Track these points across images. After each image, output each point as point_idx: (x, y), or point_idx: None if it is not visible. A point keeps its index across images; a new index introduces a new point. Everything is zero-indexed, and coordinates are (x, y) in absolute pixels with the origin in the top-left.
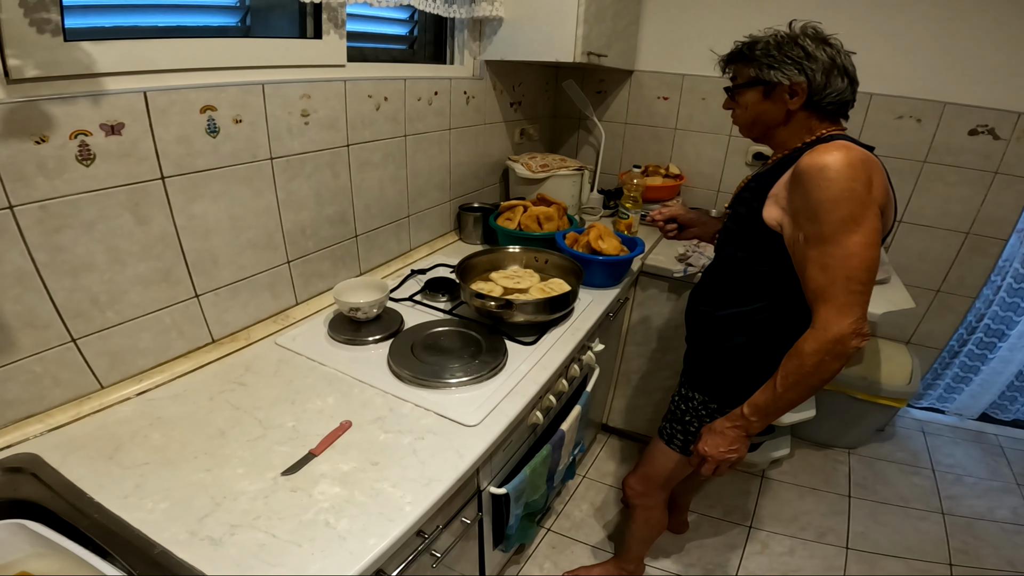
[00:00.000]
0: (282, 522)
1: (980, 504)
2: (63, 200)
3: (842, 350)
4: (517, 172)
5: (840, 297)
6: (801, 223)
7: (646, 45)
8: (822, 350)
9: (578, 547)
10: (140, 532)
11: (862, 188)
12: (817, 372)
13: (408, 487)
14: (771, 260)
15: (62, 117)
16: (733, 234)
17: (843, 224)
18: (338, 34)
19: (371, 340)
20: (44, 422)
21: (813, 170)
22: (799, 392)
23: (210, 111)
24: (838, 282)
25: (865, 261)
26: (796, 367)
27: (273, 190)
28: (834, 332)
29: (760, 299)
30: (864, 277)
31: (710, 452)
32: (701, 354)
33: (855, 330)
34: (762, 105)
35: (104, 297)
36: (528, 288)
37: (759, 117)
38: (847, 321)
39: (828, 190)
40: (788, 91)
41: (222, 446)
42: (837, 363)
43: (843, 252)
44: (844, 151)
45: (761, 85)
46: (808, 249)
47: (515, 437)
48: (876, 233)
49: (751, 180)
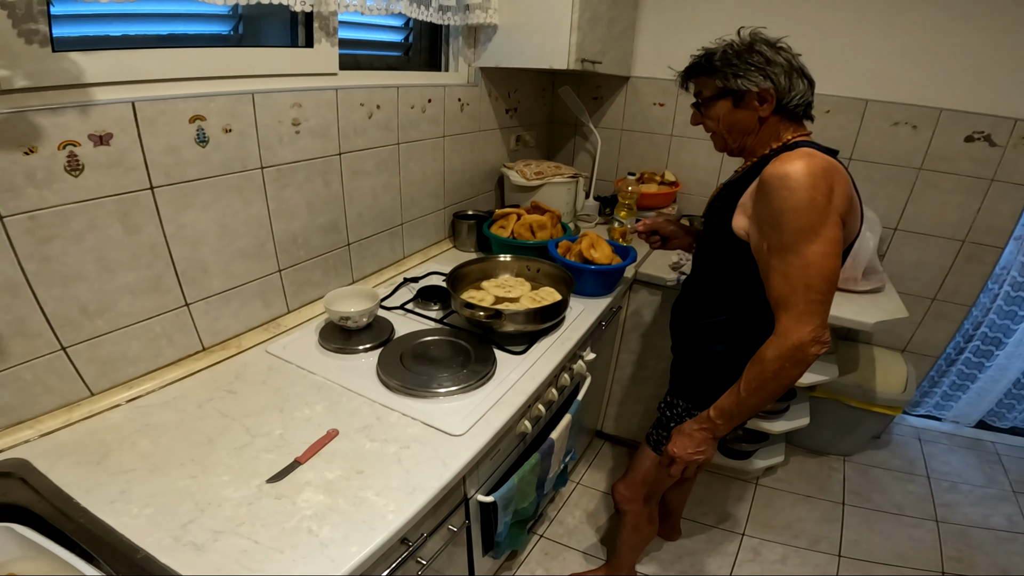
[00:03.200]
0: (265, 529)
1: (975, 512)
2: (52, 210)
3: (801, 357)
4: (512, 179)
5: (800, 305)
6: (765, 232)
7: (642, 51)
8: (783, 357)
9: (571, 554)
10: (124, 537)
11: (822, 198)
12: (777, 378)
13: (392, 496)
14: (742, 269)
15: (50, 128)
16: (707, 244)
17: (802, 233)
18: (330, 42)
19: (361, 349)
20: (34, 428)
21: (775, 179)
22: (761, 397)
23: (199, 121)
24: (798, 291)
25: (823, 271)
26: (758, 373)
27: (264, 199)
28: (794, 340)
29: (736, 307)
30: (822, 287)
31: (678, 453)
32: (684, 362)
33: (814, 338)
34: (734, 115)
35: (94, 306)
36: (519, 297)
37: (732, 127)
38: (806, 329)
39: (789, 199)
40: (757, 98)
41: (209, 453)
42: (797, 370)
43: (802, 261)
44: (806, 160)
45: (730, 95)
46: (771, 258)
47: (503, 446)
48: (835, 243)
49: (722, 189)
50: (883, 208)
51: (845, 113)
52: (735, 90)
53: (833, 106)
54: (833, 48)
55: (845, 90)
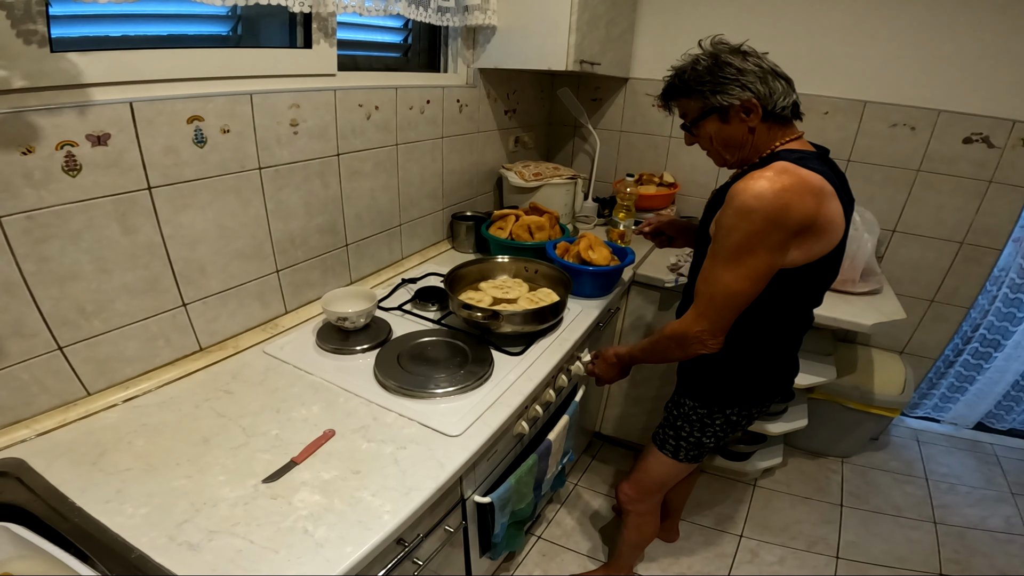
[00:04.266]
0: (260, 529)
1: (973, 513)
2: (49, 210)
3: (685, 345)
4: (510, 180)
5: (701, 306)
6: (713, 237)
7: (641, 53)
8: (673, 338)
9: (568, 555)
10: (119, 536)
11: (760, 225)
12: (665, 352)
13: (388, 496)
14: None
15: (48, 128)
16: (699, 247)
17: (728, 251)
18: (328, 43)
19: (359, 349)
20: (31, 428)
21: (730, 195)
22: (651, 357)
23: (197, 121)
24: (703, 294)
25: (729, 290)
26: (654, 341)
27: (262, 200)
28: (684, 328)
29: None
30: (721, 303)
31: (597, 372)
32: (689, 362)
33: (698, 337)
34: (724, 131)
35: (91, 306)
36: (516, 298)
37: (727, 143)
38: (696, 328)
39: (729, 217)
40: (742, 110)
41: (205, 453)
42: (680, 352)
43: (716, 275)
44: (767, 180)
45: (714, 112)
46: (707, 258)
47: (500, 447)
48: (755, 270)
49: (712, 197)
50: (881, 210)
51: (843, 115)
52: (717, 106)
53: (831, 108)
54: (831, 50)
55: (843, 92)
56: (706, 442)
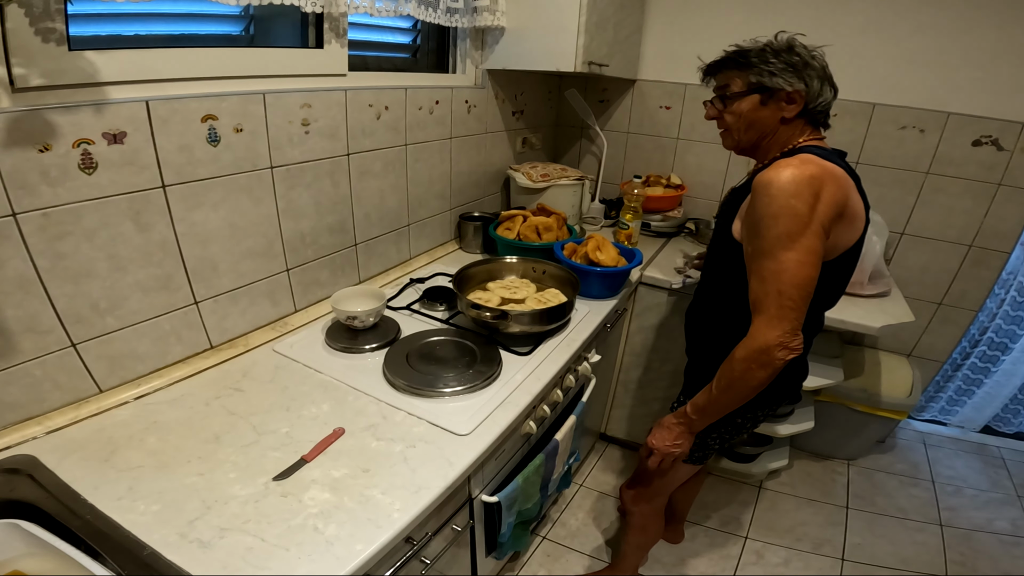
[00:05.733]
0: (271, 526)
1: (979, 516)
2: (65, 208)
3: (767, 360)
4: (518, 181)
5: (771, 310)
6: (750, 236)
7: (649, 54)
8: (749, 358)
9: (573, 556)
10: (131, 534)
11: (803, 207)
12: (744, 379)
13: (397, 494)
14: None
15: (65, 126)
16: (714, 251)
17: (779, 240)
18: (339, 43)
19: (368, 348)
20: (43, 424)
21: (760, 186)
22: (731, 396)
23: (211, 120)
24: (771, 295)
25: (796, 278)
26: (727, 372)
27: (273, 199)
28: (760, 342)
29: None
30: (794, 293)
31: (657, 445)
32: (701, 367)
33: (781, 343)
34: (758, 113)
35: (104, 303)
36: (524, 299)
37: (753, 125)
38: (774, 333)
39: (770, 206)
40: (787, 98)
41: (216, 451)
42: (763, 372)
43: (777, 267)
44: (795, 168)
45: (760, 92)
46: (751, 261)
47: (508, 446)
48: (812, 253)
49: (729, 194)
50: (890, 212)
51: (852, 117)
52: (767, 87)
53: (840, 110)
54: (840, 52)
55: (852, 94)
56: (711, 444)
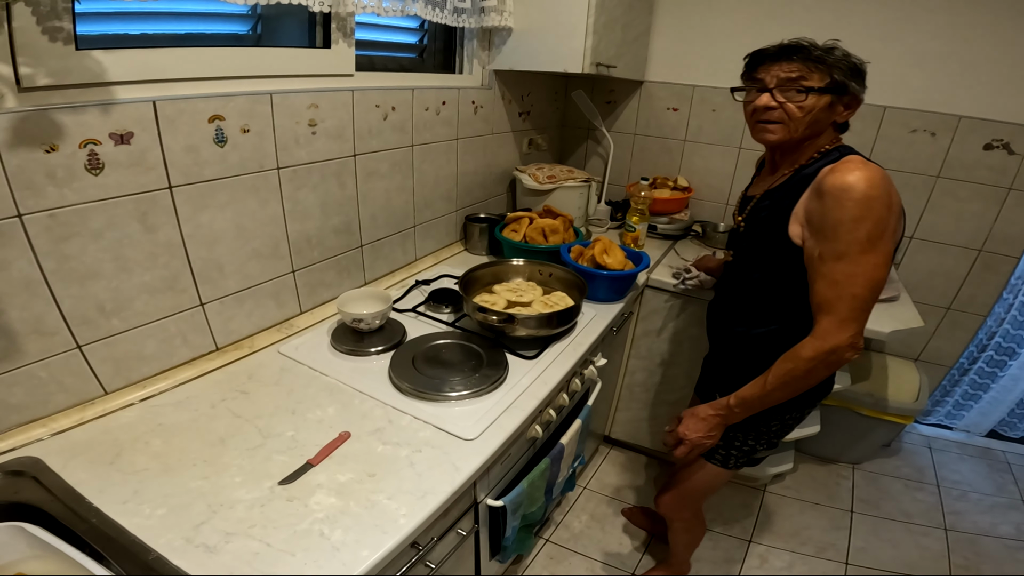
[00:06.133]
0: (277, 531)
1: (984, 520)
2: (71, 209)
3: (836, 360)
4: (524, 183)
5: (843, 312)
6: (819, 240)
7: (656, 56)
8: (817, 358)
9: (576, 558)
10: (136, 538)
11: (883, 209)
12: (807, 377)
13: (403, 499)
14: (798, 276)
15: (72, 126)
16: (755, 254)
17: (859, 244)
18: (347, 43)
19: (373, 351)
20: (48, 426)
21: (837, 189)
22: (786, 392)
23: (218, 120)
24: (844, 298)
25: (871, 281)
26: (789, 370)
27: (279, 200)
28: (832, 343)
29: (791, 314)
30: (868, 296)
31: (689, 435)
32: (739, 372)
33: (851, 343)
34: (823, 112)
35: (110, 305)
36: (531, 302)
37: (814, 122)
38: (846, 335)
39: (850, 210)
40: (851, 103)
41: (221, 454)
42: (828, 371)
43: (854, 270)
44: (867, 170)
45: (835, 92)
46: (821, 265)
47: (514, 450)
48: (888, 255)
49: (764, 198)
50: None
51: (862, 120)
52: (845, 90)
53: None
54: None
55: None
56: (759, 448)
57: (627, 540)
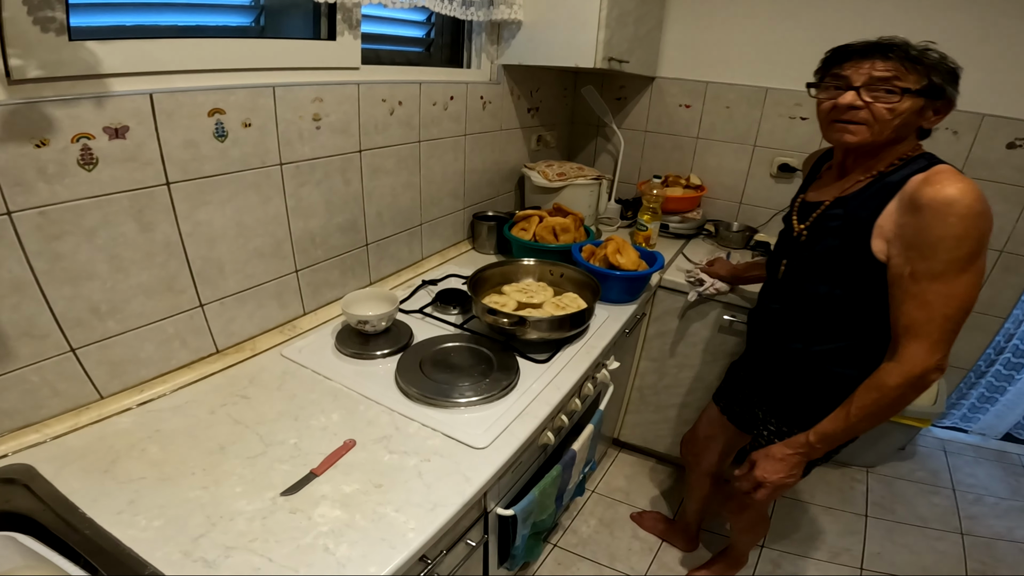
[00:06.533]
0: (279, 545)
1: (1000, 524)
2: (64, 206)
3: (923, 384)
4: (533, 180)
5: (934, 335)
6: (911, 256)
7: (669, 51)
8: (906, 384)
9: (584, 564)
10: (131, 551)
11: (986, 225)
12: (895, 405)
13: (412, 512)
14: (875, 292)
15: (64, 119)
16: (822, 266)
17: (958, 263)
18: (352, 35)
19: (379, 354)
20: (41, 432)
21: (939, 204)
22: (872, 422)
23: (218, 114)
24: (935, 320)
25: (966, 302)
26: (875, 400)
27: (282, 197)
28: (920, 368)
29: (864, 330)
30: (961, 317)
31: (769, 479)
32: (791, 390)
33: (939, 366)
34: (913, 116)
35: (105, 306)
36: (542, 303)
37: (903, 125)
38: (935, 358)
39: (953, 227)
40: (942, 108)
41: (221, 462)
42: (916, 395)
43: (949, 291)
44: (967, 183)
45: (930, 97)
46: (913, 284)
47: (525, 457)
48: (982, 273)
49: (833, 206)
50: None
51: None
52: (940, 94)
53: None
54: None
55: None
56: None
57: (636, 545)
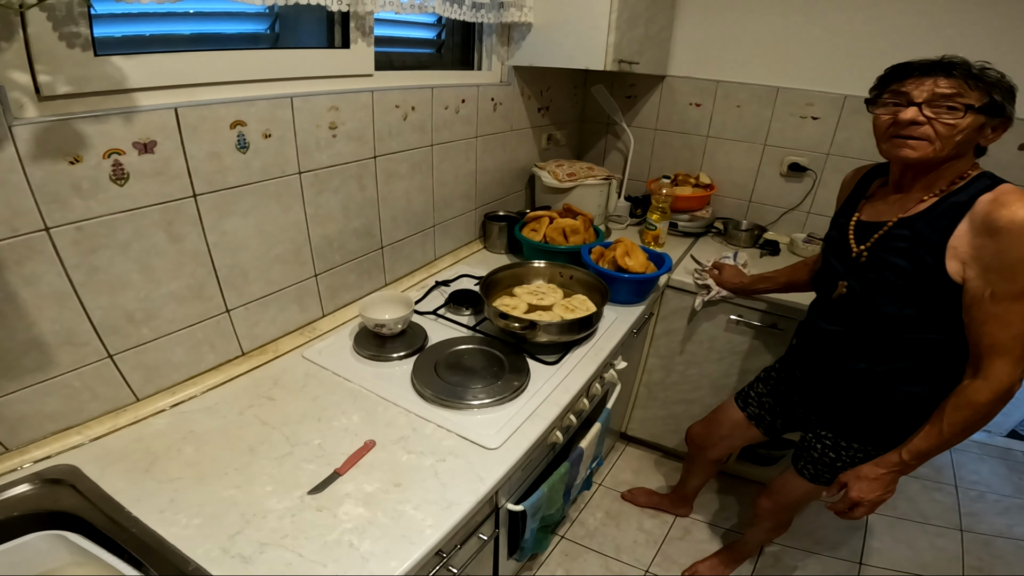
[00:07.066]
0: (308, 541)
1: (1000, 522)
2: (98, 220)
3: (1010, 397)
4: (544, 181)
5: (1017, 351)
6: (991, 278)
7: (679, 50)
8: (996, 400)
9: (591, 555)
10: (175, 548)
11: None
12: (985, 420)
13: (429, 510)
14: (948, 312)
15: (95, 136)
16: (893, 288)
17: None
18: (366, 42)
19: (395, 356)
20: (83, 434)
21: (1016, 226)
22: (963, 437)
23: (240, 126)
24: (1018, 337)
25: None
26: (967, 416)
27: (302, 205)
28: (1007, 384)
29: (932, 350)
30: None
31: (867, 498)
32: (859, 408)
33: (1022, 377)
34: (972, 133)
35: (139, 314)
36: (552, 305)
37: (963, 142)
38: (1020, 372)
39: None
40: (1000, 126)
41: (251, 462)
42: (1003, 407)
43: None
44: None
45: (990, 113)
46: (994, 306)
47: (534, 456)
48: None
49: (897, 226)
50: None
51: None
52: (1000, 113)
53: None
54: (878, 49)
55: None
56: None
57: (642, 537)
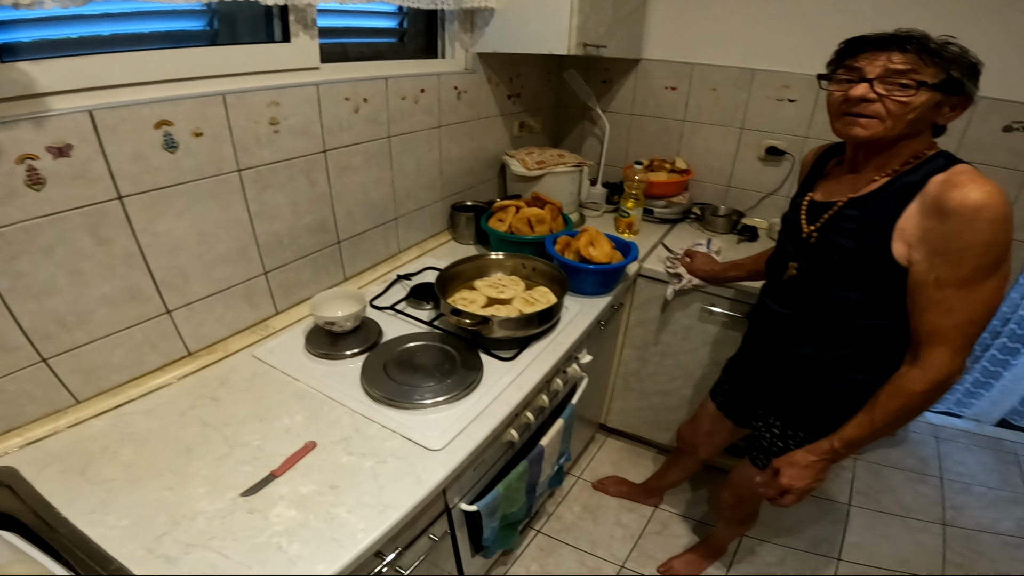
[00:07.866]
0: (236, 543)
1: (985, 516)
2: (17, 226)
3: (947, 388)
4: (513, 169)
5: (958, 341)
6: (937, 264)
7: (653, 32)
8: (931, 391)
9: (567, 550)
10: (100, 548)
11: (1011, 228)
12: (920, 409)
13: (363, 513)
14: (896, 298)
15: (6, 142)
16: (836, 270)
17: (985, 269)
18: (308, 35)
19: (348, 354)
20: (23, 436)
21: (967, 209)
22: (897, 426)
23: (166, 126)
24: (960, 326)
25: (991, 306)
26: (901, 405)
27: (243, 202)
28: (945, 374)
29: (879, 336)
30: (985, 322)
31: (796, 485)
32: (805, 394)
33: (961, 368)
34: (929, 111)
35: (71, 318)
36: (512, 298)
37: (917, 120)
38: (957, 363)
39: (983, 233)
40: (959, 104)
41: (187, 464)
42: (939, 397)
43: (975, 297)
44: (991, 185)
45: (948, 92)
46: (937, 291)
47: (488, 455)
48: (1008, 276)
49: (847, 207)
50: None
51: None
52: (958, 90)
53: None
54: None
55: None
56: None
57: (619, 531)
